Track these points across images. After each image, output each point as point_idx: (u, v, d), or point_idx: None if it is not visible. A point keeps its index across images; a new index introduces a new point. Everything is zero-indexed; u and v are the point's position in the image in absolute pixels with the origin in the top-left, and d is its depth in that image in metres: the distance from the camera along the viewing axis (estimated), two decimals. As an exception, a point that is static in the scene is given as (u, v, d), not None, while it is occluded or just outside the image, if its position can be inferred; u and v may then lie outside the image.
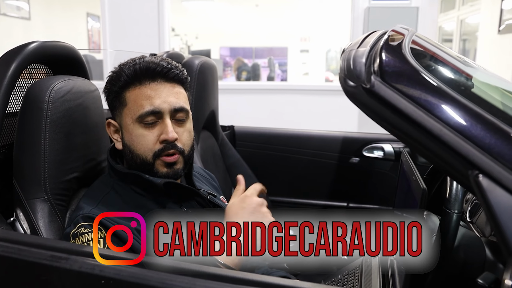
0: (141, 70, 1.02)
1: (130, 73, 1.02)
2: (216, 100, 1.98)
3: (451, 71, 0.84)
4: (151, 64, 1.02)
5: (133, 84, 1.02)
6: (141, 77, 1.02)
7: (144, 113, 1.00)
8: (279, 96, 3.95)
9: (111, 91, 1.06)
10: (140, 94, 1.01)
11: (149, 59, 1.04)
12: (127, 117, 1.03)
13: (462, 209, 0.86)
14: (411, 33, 0.85)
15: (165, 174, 1.03)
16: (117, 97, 1.05)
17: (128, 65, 1.03)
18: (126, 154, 1.06)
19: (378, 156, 2.04)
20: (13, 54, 1.07)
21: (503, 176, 0.59)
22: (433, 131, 0.63)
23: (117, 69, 1.05)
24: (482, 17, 5.56)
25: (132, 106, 1.02)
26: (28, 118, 1.05)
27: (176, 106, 1.03)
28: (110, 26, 3.83)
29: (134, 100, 1.02)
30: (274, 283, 0.67)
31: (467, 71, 0.92)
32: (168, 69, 1.03)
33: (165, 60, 1.04)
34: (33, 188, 1.04)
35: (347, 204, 2.10)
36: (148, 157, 1.02)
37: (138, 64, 1.02)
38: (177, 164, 1.04)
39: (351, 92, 0.70)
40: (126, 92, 1.03)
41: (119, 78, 1.03)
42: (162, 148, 1.02)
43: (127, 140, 1.04)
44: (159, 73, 1.02)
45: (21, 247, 0.77)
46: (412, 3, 3.60)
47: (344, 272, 1.26)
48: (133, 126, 1.02)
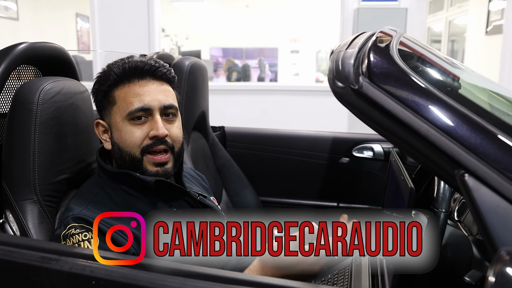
0: (130, 69, 1.03)
1: (119, 72, 1.03)
2: (206, 101, 1.98)
3: (438, 72, 0.85)
4: (140, 63, 1.04)
5: (122, 83, 1.04)
6: (130, 75, 1.04)
7: (133, 110, 1.01)
8: (270, 96, 3.96)
9: (99, 90, 1.07)
10: (129, 91, 1.03)
11: (137, 58, 1.06)
12: (116, 115, 1.04)
13: (449, 208, 0.88)
14: (399, 34, 0.87)
15: (154, 173, 1.04)
16: (106, 96, 1.06)
17: (117, 64, 1.05)
18: (115, 153, 1.06)
19: (368, 156, 2.06)
20: (1, 55, 1.06)
21: (488, 175, 0.60)
22: (420, 132, 0.64)
23: (106, 69, 1.06)
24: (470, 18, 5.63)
25: (121, 104, 1.03)
26: (17, 119, 1.04)
27: (166, 103, 1.04)
28: (99, 27, 3.81)
29: (123, 98, 1.03)
30: (264, 283, 0.67)
31: (454, 72, 0.94)
32: (156, 68, 1.05)
33: (153, 60, 1.06)
34: (22, 189, 1.04)
35: (337, 204, 2.11)
36: (136, 153, 1.03)
37: (127, 63, 1.04)
38: (167, 164, 1.05)
39: (339, 93, 0.71)
40: (115, 90, 1.04)
41: (108, 78, 1.05)
42: (150, 143, 1.02)
43: (116, 138, 1.05)
44: (147, 72, 1.04)
45: (11, 249, 0.77)
46: (401, 4, 3.64)
47: (334, 271, 1.27)
48: (122, 123, 1.03)
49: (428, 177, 1.19)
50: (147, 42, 3.79)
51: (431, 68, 0.84)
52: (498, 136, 0.62)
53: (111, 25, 3.80)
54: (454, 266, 0.91)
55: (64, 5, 7.71)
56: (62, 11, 7.70)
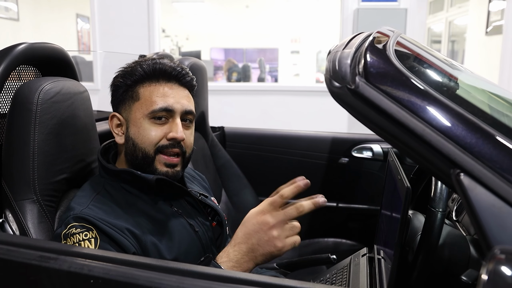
0: (160, 70, 1.06)
1: (149, 70, 1.06)
2: (206, 101, 1.99)
3: (435, 73, 0.86)
4: (169, 67, 1.07)
5: (149, 81, 1.06)
6: (159, 76, 1.06)
7: (157, 109, 1.03)
8: (270, 97, 3.97)
9: (122, 84, 1.08)
10: (156, 91, 1.05)
11: (167, 61, 1.08)
12: (137, 111, 1.05)
13: (446, 208, 0.88)
14: (396, 34, 0.87)
15: (164, 173, 1.05)
16: (129, 91, 1.08)
17: (147, 63, 1.07)
18: (127, 148, 1.07)
19: (367, 156, 2.07)
20: (1, 56, 1.07)
21: (484, 175, 0.60)
22: (416, 131, 0.65)
23: (133, 65, 1.09)
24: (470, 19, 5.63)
25: (145, 101, 1.05)
26: (17, 119, 1.05)
27: (187, 108, 1.08)
28: (99, 27, 3.82)
29: (148, 95, 1.05)
30: (261, 281, 0.68)
31: (451, 72, 0.94)
32: (183, 75, 1.09)
33: (180, 66, 1.09)
34: (22, 189, 1.04)
35: (337, 204, 2.12)
36: (150, 151, 1.04)
37: (158, 64, 1.06)
38: (177, 166, 1.07)
39: (336, 93, 0.72)
40: (140, 87, 1.07)
41: (134, 73, 1.07)
42: (166, 144, 1.04)
43: (132, 133, 1.06)
44: (175, 77, 1.08)
45: (10, 248, 0.77)
46: (400, 4, 3.65)
47: (333, 271, 1.27)
48: (142, 120, 1.05)
49: (426, 177, 1.19)
50: (147, 43, 3.79)
51: (428, 68, 0.84)
52: (494, 136, 0.63)
53: (111, 26, 3.81)
54: (451, 265, 0.91)
55: (64, 6, 7.72)
56: (62, 11, 7.71)
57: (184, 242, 1.05)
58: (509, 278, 0.48)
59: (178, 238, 1.04)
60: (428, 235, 0.87)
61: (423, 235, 0.89)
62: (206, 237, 1.12)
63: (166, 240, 1.02)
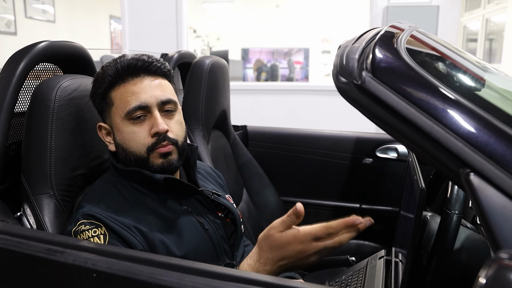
0: (123, 68, 1.03)
1: (112, 73, 1.03)
2: (227, 99, 1.98)
3: (451, 69, 0.82)
4: (132, 61, 1.03)
5: (117, 83, 1.03)
6: (124, 74, 1.03)
7: (131, 109, 1.01)
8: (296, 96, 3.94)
9: (96, 93, 1.07)
10: (125, 91, 1.02)
11: (130, 56, 1.05)
12: (115, 116, 1.04)
13: (462, 210, 0.84)
14: (411, 29, 0.84)
15: (160, 166, 1.03)
16: (104, 98, 1.06)
17: (109, 66, 1.04)
18: (120, 154, 1.07)
19: (392, 157, 2.01)
20: (22, 54, 1.10)
21: (495, 175, 0.57)
22: (424, 128, 0.62)
23: (100, 72, 1.06)
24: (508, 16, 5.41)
25: (119, 104, 1.03)
26: (36, 115, 1.07)
27: (163, 98, 1.04)
28: (129, 28, 3.89)
29: (120, 98, 1.03)
30: (263, 281, 0.66)
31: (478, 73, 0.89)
32: (149, 63, 1.04)
33: (146, 55, 1.06)
34: (39, 184, 1.06)
35: (360, 206, 2.08)
36: (142, 152, 1.03)
37: (119, 63, 1.03)
38: (171, 155, 1.04)
39: (343, 88, 0.69)
40: (112, 91, 1.04)
41: (103, 80, 1.04)
42: (155, 141, 1.02)
43: (119, 139, 1.05)
44: (140, 68, 1.03)
45: (20, 240, 0.79)
46: (432, 1, 3.55)
47: (349, 272, 1.24)
48: (122, 124, 1.03)
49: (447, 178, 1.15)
50: (175, 42, 3.84)
51: (443, 65, 0.81)
52: (506, 133, 0.59)
53: (141, 26, 3.88)
54: (469, 270, 0.87)
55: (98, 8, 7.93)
56: (96, 13, 7.92)
57: (193, 240, 1.04)
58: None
59: (187, 236, 1.03)
60: (443, 238, 0.83)
61: (437, 238, 0.85)
62: (217, 235, 1.11)
63: (175, 238, 1.02)
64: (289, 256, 0.86)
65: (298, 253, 0.85)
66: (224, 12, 9.02)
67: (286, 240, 0.86)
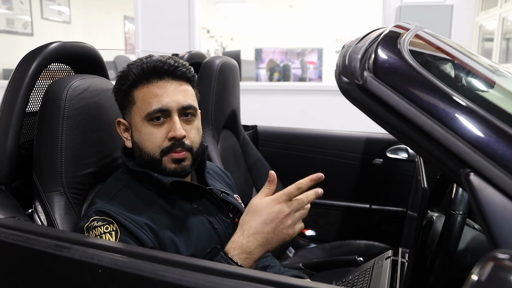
0: (148, 69, 1.03)
1: (138, 72, 1.04)
2: (237, 99, 1.99)
3: (456, 70, 0.81)
4: (158, 63, 1.04)
5: (141, 83, 1.04)
6: (149, 75, 1.04)
7: (152, 111, 1.02)
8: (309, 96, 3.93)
9: (120, 90, 1.08)
10: (148, 92, 1.03)
11: (156, 58, 1.06)
12: (135, 115, 1.05)
13: (467, 211, 0.84)
14: (416, 29, 0.84)
15: (172, 171, 1.04)
16: (126, 96, 1.07)
17: (135, 65, 1.05)
18: (135, 152, 1.08)
19: (402, 157, 2.00)
20: (34, 54, 1.12)
21: (495, 175, 0.57)
22: (425, 128, 0.62)
23: (126, 69, 1.07)
24: (525, 15, 5.31)
25: (140, 104, 1.04)
26: (47, 114, 1.09)
27: (184, 104, 1.04)
28: (142, 28, 3.93)
29: (142, 98, 1.04)
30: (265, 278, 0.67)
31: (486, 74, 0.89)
32: (175, 67, 1.05)
33: (172, 59, 1.06)
34: (50, 181, 1.09)
35: (370, 206, 2.07)
36: (155, 154, 1.04)
37: (145, 63, 1.04)
38: (185, 161, 1.05)
39: (345, 88, 0.70)
40: (135, 90, 1.05)
41: (127, 78, 1.05)
42: (170, 145, 1.03)
43: (136, 138, 1.07)
44: (166, 71, 1.04)
45: (30, 236, 0.81)
46: (446, 1, 3.51)
47: (356, 272, 1.25)
48: (141, 124, 1.04)
49: (455, 178, 1.14)
50: (187, 43, 3.86)
51: (447, 65, 0.81)
52: (507, 133, 0.59)
53: (153, 26, 3.91)
54: (474, 271, 0.86)
55: (112, 8, 8.02)
56: (110, 14, 8.01)
57: (202, 239, 1.05)
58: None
59: (196, 234, 1.05)
60: (447, 238, 0.83)
61: (441, 239, 0.85)
62: (226, 234, 1.12)
63: (184, 237, 1.03)
64: (270, 220, 0.91)
65: (278, 214, 0.91)
66: (237, 12, 9.05)
67: (265, 203, 0.93)
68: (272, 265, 1.33)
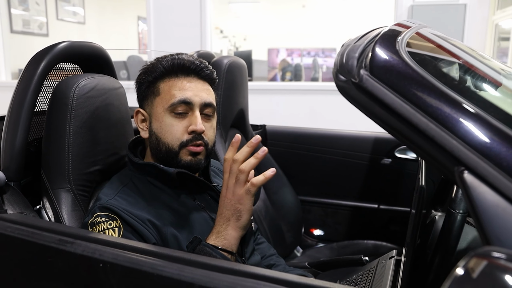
0: (179, 65, 1.10)
1: (168, 66, 1.10)
2: (245, 99, 2.00)
3: (455, 69, 0.81)
4: (187, 62, 1.10)
5: (169, 76, 1.10)
6: (178, 71, 1.10)
7: (176, 102, 1.07)
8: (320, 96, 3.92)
9: (145, 81, 1.13)
10: (174, 85, 1.09)
11: (186, 56, 1.12)
12: (158, 106, 1.09)
13: (467, 210, 0.83)
14: (416, 27, 0.84)
15: (188, 163, 1.08)
16: (150, 87, 1.12)
17: (166, 59, 1.11)
18: (151, 142, 1.12)
19: (411, 157, 1.99)
20: (42, 54, 1.15)
21: (488, 173, 0.57)
22: (419, 126, 0.62)
23: (154, 61, 1.13)
24: (542, 14, 5.22)
25: (165, 96, 1.09)
26: (55, 113, 1.12)
27: (207, 101, 1.10)
28: (154, 28, 3.97)
29: (168, 90, 1.09)
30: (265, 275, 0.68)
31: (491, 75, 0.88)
32: (201, 68, 1.11)
33: (199, 60, 1.12)
34: (57, 178, 1.11)
35: (378, 206, 2.06)
36: (174, 146, 1.08)
37: (176, 59, 1.10)
38: (200, 155, 1.10)
39: (341, 86, 0.70)
40: (161, 82, 1.11)
41: (155, 69, 1.11)
42: (190, 138, 1.07)
43: (155, 128, 1.10)
44: (193, 71, 1.11)
45: (35, 231, 0.83)
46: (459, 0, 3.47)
47: (360, 272, 1.25)
48: (163, 114, 1.08)
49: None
50: (199, 43, 3.89)
51: (446, 64, 0.80)
52: (502, 131, 0.59)
53: (165, 27, 3.95)
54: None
55: (126, 9, 8.10)
56: (124, 14, 8.10)
57: (204, 235, 1.07)
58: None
59: (198, 231, 1.06)
60: (446, 237, 0.83)
61: (440, 237, 0.85)
62: None
63: (186, 233, 1.04)
64: (221, 197, 0.99)
65: (222, 190, 0.98)
66: (250, 12, 9.06)
67: (223, 184, 0.99)
68: (277, 264, 1.34)
